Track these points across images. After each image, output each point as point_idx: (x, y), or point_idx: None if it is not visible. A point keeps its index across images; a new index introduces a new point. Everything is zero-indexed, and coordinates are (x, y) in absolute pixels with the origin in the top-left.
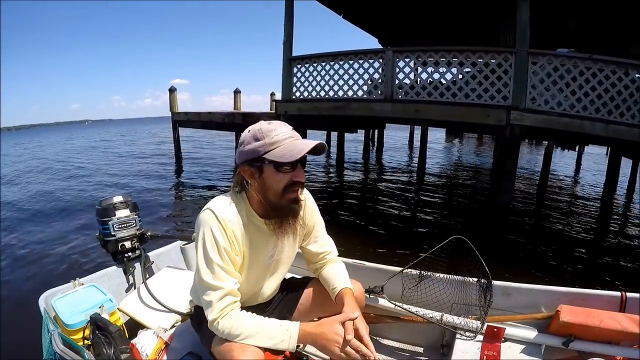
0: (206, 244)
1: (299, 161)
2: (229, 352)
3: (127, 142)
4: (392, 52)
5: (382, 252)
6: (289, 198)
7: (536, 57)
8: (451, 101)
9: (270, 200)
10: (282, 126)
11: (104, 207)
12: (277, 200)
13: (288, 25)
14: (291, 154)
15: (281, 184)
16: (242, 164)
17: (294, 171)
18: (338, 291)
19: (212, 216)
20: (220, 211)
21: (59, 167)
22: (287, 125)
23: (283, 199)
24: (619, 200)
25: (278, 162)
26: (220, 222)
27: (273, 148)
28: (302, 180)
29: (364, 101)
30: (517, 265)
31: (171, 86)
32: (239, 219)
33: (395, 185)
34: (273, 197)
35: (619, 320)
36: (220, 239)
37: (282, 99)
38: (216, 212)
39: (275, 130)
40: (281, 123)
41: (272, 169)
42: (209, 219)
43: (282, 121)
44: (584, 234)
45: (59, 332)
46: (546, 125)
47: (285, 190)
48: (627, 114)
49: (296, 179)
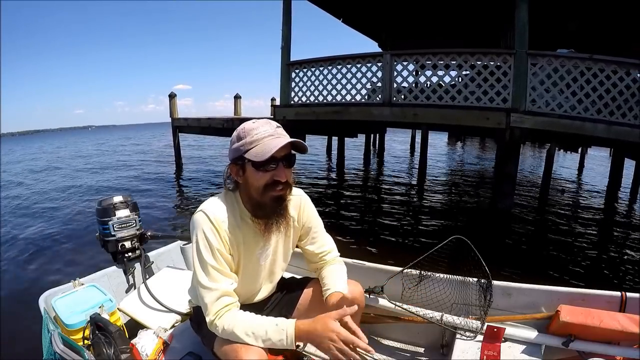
0: (200, 246)
1: (282, 160)
2: (233, 352)
3: (132, 146)
4: (390, 55)
5: (382, 253)
6: (271, 196)
7: (536, 58)
8: (450, 104)
9: (253, 198)
10: (264, 125)
11: (104, 207)
12: (259, 198)
13: (286, 30)
14: (263, 153)
15: (261, 182)
16: (230, 163)
17: (275, 170)
18: (328, 294)
19: (204, 218)
20: (212, 212)
21: (60, 168)
22: (271, 124)
23: (265, 197)
24: (623, 201)
25: (254, 161)
26: (212, 223)
27: (252, 147)
28: (282, 179)
29: (362, 105)
30: (518, 268)
31: (171, 92)
32: (231, 218)
33: (396, 190)
34: (256, 194)
35: (619, 320)
36: (213, 240)
37: (281, 104)
38: (208, 214)
39: (257, 129)
40: (266, 121)
41: (251, 167)
42: (201, 220)
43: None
44: (587, 237)
45: (59, 332)
46: (547, 128)
47: (266, 189)
48: (629, 114)
49: (277, 177)
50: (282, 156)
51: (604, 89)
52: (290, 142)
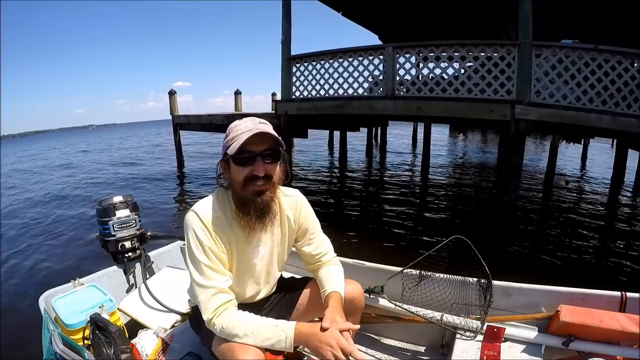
0: (191, 245)
1: (260, 154)
2: (230, 352)
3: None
4: (392, 48)
5: (383, 251)
6: (251, 190)
7: (540, 49)
8: (454, 97)
9: (237, 193)
10: (248, 121)
11: (104, 207)
12: (242, 192)
13: (286, 24)
14: (235, 147)
15: (241, 177)
16: (220, 160)
17: (253, 165)
18: (326, 294)
19: (194, 217)
20: (203, 211)
21: (60, 168)
22: (254, 120)
23: (246, 191)
24: (626, 195)
25: (232, 156)
26: (202, 222)
27: (232, 143)
28: (259, 173)
29: (364, 99)
30: (520, 267)
31: (171, 89)
32: (222, 216)
33: (399, 184)
34: (238, 189)
35: (619, 320)
36: (204, 239)
37: (282, 99)
38: (198, 213)
39: (239, 125)
40: (251, 118)
41: (232, 162)
42: (192, 219)
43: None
44: (591, 232)
45: (59, 332)
46: (552, 119)
47: (245, 183)
48: (634, 105)
49: (255, 172)
50: (261, 151)
51: (609, 80)
52: (272, 138)
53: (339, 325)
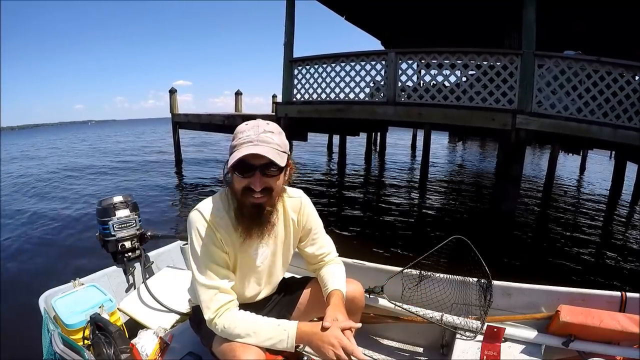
0: (195, 244)
1: (259, 168)
2: (231, 352)
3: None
4: (394, 53)
5: (382, 253)
6: (249, 201)
7: (543, 59)
8: (455, 104)
9: (237, 199)
10: (252, 128)
11: (104, 207)
12: (240, 200)
13: (289, 26)
14: (232, 158)
15: (240, 186)
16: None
17: (251, 178)
18: (328, 293)
19: (198, 216)
20: (207, 211)
21: (59, 168)
22: (258, 128)
23: (245, 200)
24: (624, 204)
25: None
26: (206, 222)
27: (233, 150)
28: (256, 188)
29: (366, 104)
30: (518, 268)
31: (172, 87)
32: (226, 217)
33: (397, 189)
34: (238, 196)
35: (619, 320)
36: (208, 239)
37: (283, 101)
38: (203, 212)
39: (242, 133)
40: (254, 124)
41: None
42: (196, 219)
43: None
44: (588, 238)
45: (59, 332)
46: (553, 130)
47: (243, 193)
48: (635, 118)
49: (251, 186)
50: (260, 164)
51: (610, 92)
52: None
53: (340, 323)
